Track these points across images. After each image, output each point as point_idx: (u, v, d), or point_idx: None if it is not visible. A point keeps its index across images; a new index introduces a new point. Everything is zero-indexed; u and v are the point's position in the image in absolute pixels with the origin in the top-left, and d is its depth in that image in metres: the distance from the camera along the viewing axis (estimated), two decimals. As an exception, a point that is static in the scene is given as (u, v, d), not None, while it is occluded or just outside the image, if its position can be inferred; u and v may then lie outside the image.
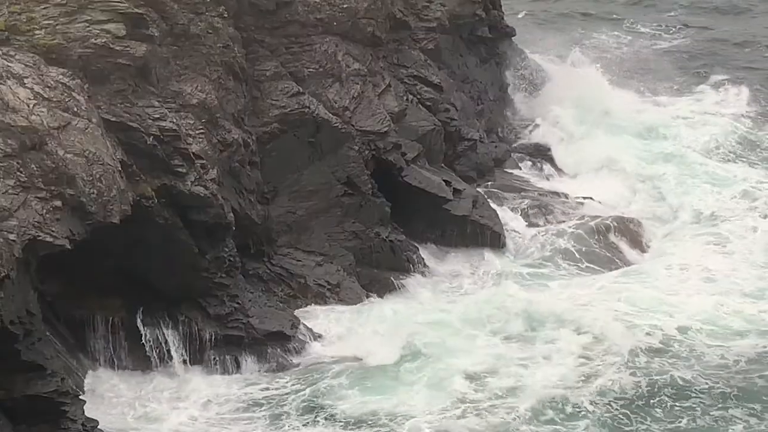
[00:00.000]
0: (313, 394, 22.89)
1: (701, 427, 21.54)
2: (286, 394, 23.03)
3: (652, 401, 22.30)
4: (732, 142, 36.72)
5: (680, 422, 21.69)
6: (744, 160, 35.57)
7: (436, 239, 29.45)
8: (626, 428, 21.58)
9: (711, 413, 21.90)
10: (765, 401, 22.21)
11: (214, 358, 24.02)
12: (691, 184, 33.60)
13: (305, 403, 22.61)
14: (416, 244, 28.81)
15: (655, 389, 22.70)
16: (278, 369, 24.12)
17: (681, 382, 22.92)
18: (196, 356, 24.00)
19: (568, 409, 22.06)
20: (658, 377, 23.02)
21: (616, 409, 22.03)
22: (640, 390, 22.65)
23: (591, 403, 22.19)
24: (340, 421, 21.98)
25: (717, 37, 48.08)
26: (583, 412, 21.94)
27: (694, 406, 22.12)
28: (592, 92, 37.51)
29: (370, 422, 21.91)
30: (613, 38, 46.68)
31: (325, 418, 22.10)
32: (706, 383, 22.85)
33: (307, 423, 21.99)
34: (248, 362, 24.13)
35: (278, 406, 22.61)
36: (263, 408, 22.59)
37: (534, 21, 48.09)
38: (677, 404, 22.24)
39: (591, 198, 32.38)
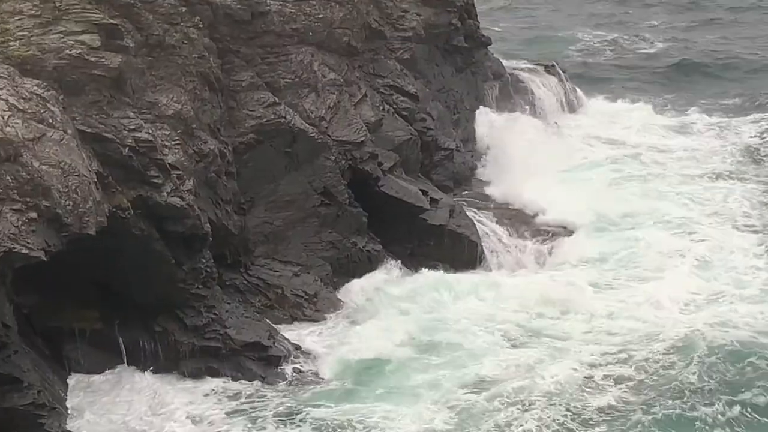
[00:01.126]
0: (292, 403, 22.88)
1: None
2: (264, 402, 23.01)
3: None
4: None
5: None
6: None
7: (413, 249, 29.45)
8: None
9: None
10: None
11: (191, 368, 23.98)
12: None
13: (283, 411, 22.59)
14: (392, 255, 28.83)
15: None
16: (254, 378, 24.04)
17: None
18: (172, 366, 23.92)
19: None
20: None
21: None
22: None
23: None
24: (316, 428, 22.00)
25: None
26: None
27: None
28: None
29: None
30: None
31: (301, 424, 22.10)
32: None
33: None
34: (225, 371, 24.07)
35: (256, 413, 22.60)
36: (241, 415, 22.55)
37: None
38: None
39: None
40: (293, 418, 22.28)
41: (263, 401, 23.10)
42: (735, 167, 36.60)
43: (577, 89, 42.16)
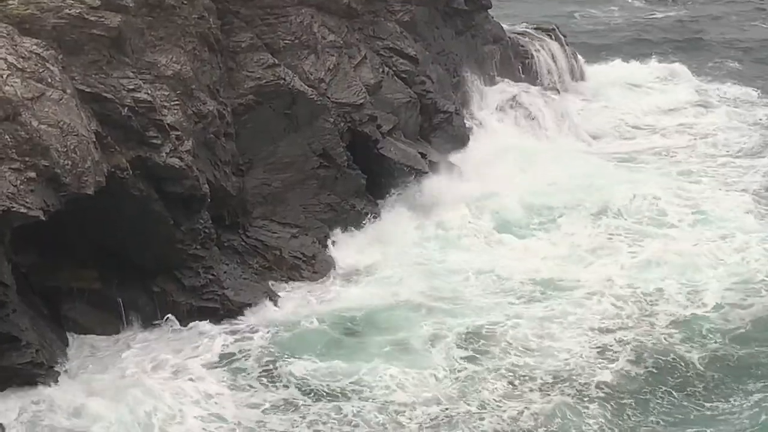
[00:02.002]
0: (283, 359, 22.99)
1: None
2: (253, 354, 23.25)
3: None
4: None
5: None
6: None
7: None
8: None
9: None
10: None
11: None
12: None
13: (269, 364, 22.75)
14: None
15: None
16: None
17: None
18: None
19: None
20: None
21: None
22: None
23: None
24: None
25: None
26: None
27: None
28: None
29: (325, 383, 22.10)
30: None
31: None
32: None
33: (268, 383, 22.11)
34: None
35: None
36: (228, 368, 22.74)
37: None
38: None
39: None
40: (279, 377, 22.34)
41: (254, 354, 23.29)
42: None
43: (578, 55, 41.91)
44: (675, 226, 29.11)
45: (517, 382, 21.99)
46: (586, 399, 21.29)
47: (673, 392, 21.68)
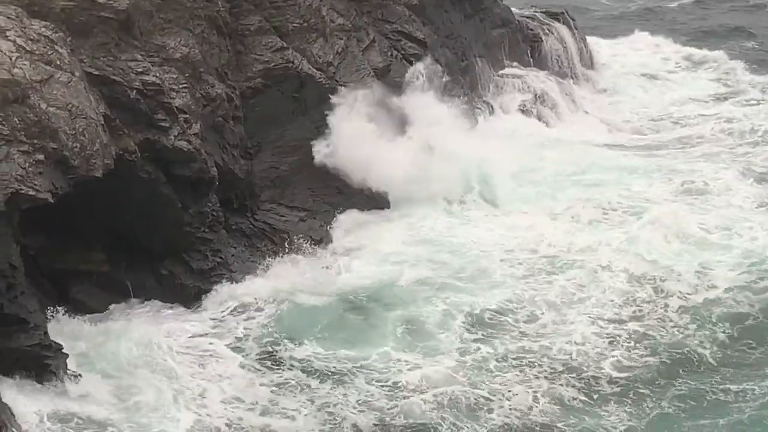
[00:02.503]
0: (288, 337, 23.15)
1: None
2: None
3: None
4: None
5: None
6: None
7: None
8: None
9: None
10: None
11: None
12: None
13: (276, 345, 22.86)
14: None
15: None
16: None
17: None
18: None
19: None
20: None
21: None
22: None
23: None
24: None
25: None
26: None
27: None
28: None
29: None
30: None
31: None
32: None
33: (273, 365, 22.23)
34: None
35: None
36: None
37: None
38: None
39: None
40: (285, 358, 22.44)
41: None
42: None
43: (587, 40, 41.74)
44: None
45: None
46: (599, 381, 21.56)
47: (689, 381, 21.73)
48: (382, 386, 21.45)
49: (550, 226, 27.91)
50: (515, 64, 37.34)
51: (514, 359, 22.32)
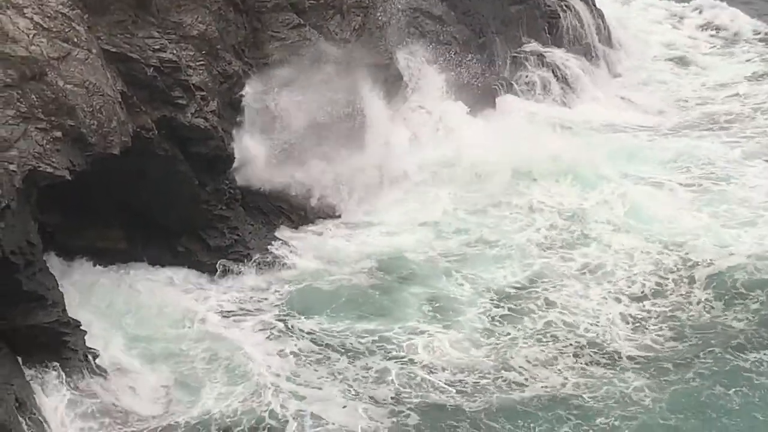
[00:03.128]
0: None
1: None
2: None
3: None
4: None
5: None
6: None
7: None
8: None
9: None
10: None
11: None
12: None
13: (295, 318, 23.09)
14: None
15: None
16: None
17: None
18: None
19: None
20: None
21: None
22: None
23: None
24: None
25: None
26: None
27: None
28: None
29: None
30: None
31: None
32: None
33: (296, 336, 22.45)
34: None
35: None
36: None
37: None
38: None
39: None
40: (305, 331, 22.68)
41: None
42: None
43: (604, 16, 41.49)
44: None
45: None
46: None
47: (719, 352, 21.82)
48: (401, 360, 21.63)
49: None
50: (533, 41, 37.16)
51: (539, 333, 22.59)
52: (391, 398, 20.44)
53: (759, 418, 19.70)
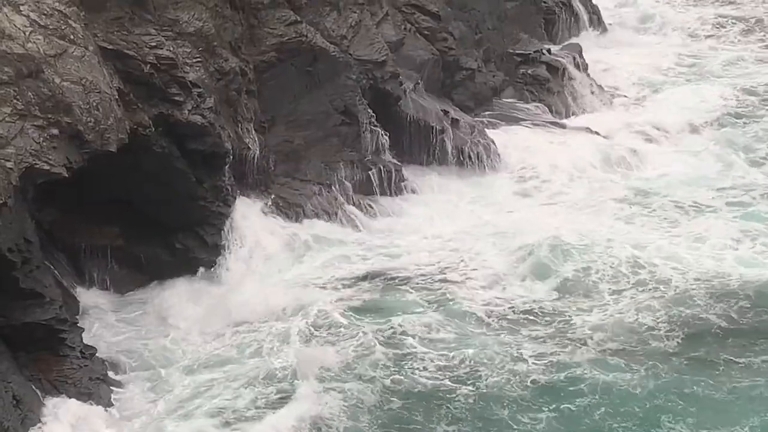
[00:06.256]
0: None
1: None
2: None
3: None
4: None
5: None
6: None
7: (433, 168, 29.51)
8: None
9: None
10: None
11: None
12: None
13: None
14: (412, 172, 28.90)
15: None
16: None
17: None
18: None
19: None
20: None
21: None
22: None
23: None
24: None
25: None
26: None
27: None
28: None
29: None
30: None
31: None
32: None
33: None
34: None
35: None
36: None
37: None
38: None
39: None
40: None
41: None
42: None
43: (600, 12, 41.53)
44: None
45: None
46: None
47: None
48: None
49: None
50: (529, 36, 37.14)
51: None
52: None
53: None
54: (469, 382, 20.40)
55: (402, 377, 20.60)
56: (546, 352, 21.34)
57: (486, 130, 30.87)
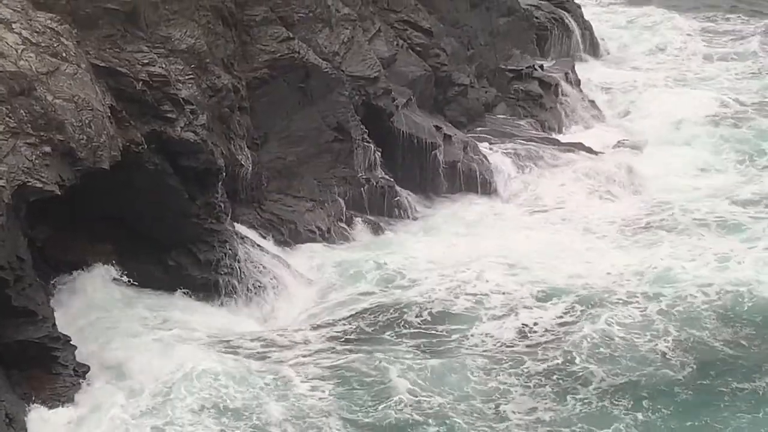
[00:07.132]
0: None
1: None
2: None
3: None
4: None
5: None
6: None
7: (426, 185, 29.53)
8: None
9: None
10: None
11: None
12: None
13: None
14: (406, 190, 28.89)
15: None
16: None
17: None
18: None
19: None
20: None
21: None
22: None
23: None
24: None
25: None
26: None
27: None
28: None
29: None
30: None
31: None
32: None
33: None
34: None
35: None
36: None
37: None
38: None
39: (581, 144, 32.39)
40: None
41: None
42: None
43: (592, 25, 41.63)
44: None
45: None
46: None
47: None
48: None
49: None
50: (521, 52, 37.23)
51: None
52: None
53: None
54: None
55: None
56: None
57: (479, 145, 30.87)
